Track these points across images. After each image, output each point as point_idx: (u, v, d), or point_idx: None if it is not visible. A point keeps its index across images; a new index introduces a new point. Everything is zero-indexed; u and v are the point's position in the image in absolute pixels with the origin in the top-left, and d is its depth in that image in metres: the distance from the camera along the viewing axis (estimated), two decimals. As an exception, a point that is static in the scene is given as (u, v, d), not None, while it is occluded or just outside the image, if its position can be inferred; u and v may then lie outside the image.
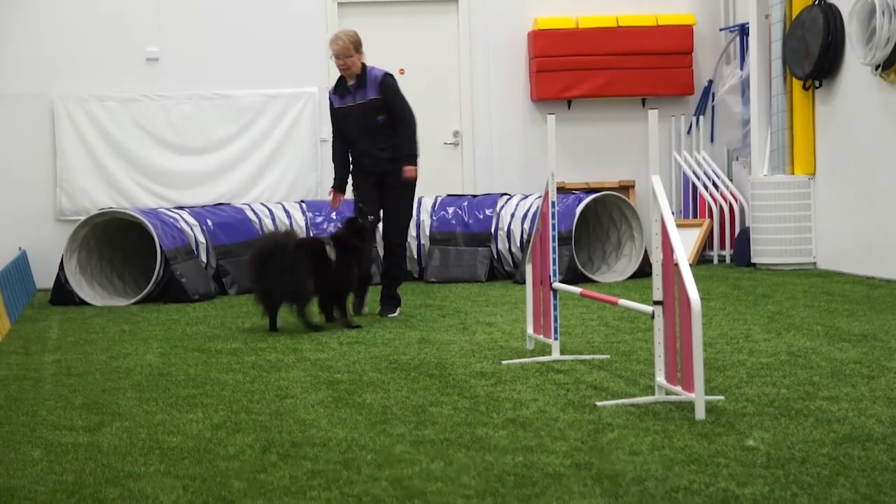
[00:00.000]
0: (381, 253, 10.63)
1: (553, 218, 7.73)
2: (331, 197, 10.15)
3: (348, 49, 9.84)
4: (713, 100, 14.29)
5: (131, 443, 5.64)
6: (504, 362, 7.52)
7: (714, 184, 14.08)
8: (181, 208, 12.79)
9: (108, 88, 13.63)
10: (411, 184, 10.02)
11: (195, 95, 13.76)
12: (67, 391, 7.00)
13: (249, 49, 13.89)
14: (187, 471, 5.08)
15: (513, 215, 12.73)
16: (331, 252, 9.37)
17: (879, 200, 11.59)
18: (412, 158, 9.97)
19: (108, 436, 5.80)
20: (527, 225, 12.49)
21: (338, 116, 10.02)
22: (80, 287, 11.59)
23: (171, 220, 12.09)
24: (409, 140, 9.95)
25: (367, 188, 9.98)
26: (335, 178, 10.10)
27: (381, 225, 10.20)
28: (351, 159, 10.07)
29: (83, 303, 11.45)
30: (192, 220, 12.27)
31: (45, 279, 12.55)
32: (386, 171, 9.92)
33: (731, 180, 14.19)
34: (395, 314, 9.98)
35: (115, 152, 13.60)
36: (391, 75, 10.04)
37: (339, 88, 10.02)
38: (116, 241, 12.15)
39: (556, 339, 7.66)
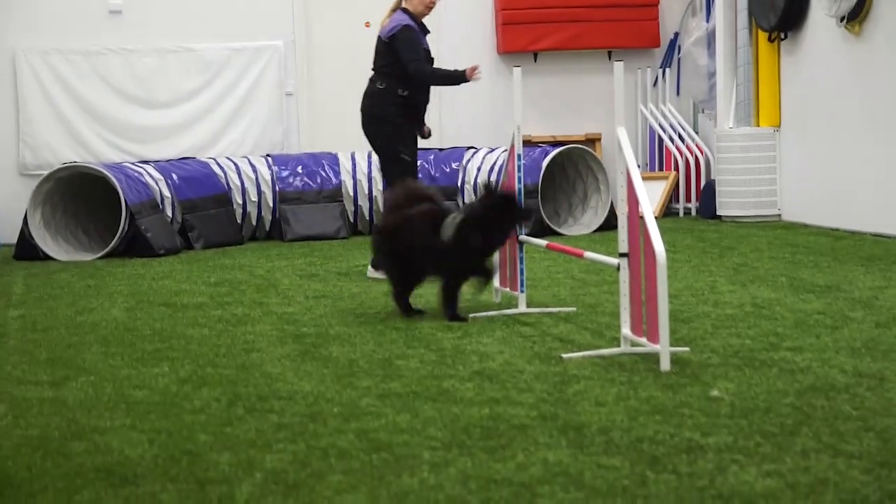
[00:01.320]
0: None
1: (519, 171, 7.73)
2: (473, 70, 9.27)
3: None
4: (679, 52, 14.29)
5: (97, 397, 5.62)
6: (471, 315, 7.53)
7: (680, 136, 14.10)
8: (146, 162, 12.72)
9: (71, 42, 13.51)
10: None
11: (159, 48, 13.65)
12: (32, 346, 6.97)
13: (214, 2, 13.78)
14: (153, 424, 5.08)
15: (479, 169, 12.73)
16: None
17: (844, 152, 11.64)
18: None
19: (74, 390, 5.78)
20: (493, 178, 12.49)
21: (425, 55, 9.30)
22: (45, 242, 11.53)
23: (136, 174, 12.02)
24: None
25: (414, 141, 9.37)
26: (455, 70, 9.40)
27: None
28: (406, 106, 9.27)
29: (47, 258, 11.39)
30: (157, 175, 12.21)
31: (8, 234, 12.47)
32: (420, 121, 9.41)
33: (696, 133, 14.21)
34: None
35: (78, 106, 13.50)
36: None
37: (422, 28, 9.36)
38: (81, 195, 12.08)
39: (522, 291, 7.68)
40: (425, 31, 9.42)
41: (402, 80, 9.21)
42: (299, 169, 12.91)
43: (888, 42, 10.94)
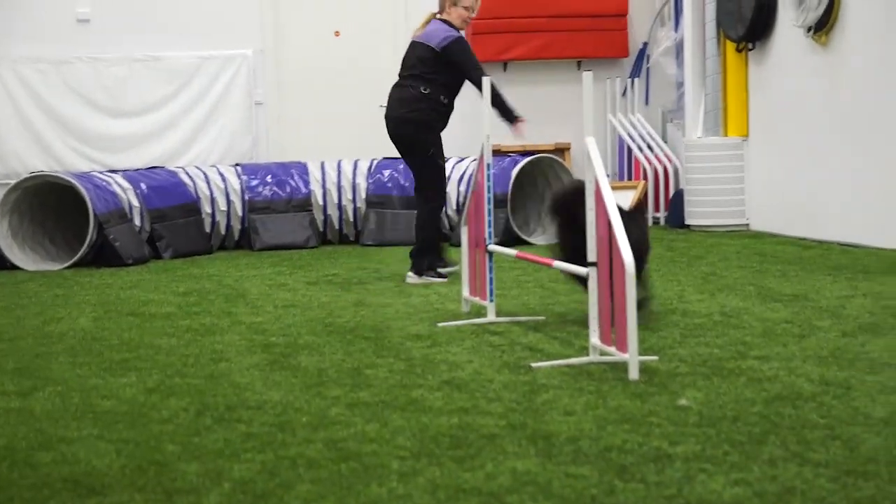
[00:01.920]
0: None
1: (488, 180, 7.74)
2: (522, 125, 9.68)
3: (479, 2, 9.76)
4: (648, 62, 14.35)
5: (64, 407, 5.59)
6: (440, 324, 7.53)
7: (649, 146, 14.16)
8: (114, 171, 12.68)
9: (39, 50, 13.46)
10: None
11: (128, 57, 13.62)
12: (-1, 356, 6.93)
13: (183, 10, 13.75)
14: (121, 434, 5.05)
15: (448, 178, 12.73)
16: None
17: (811, 162, 11.70)
18: None
19: (41, 400, 5.75)
20: (463, 188, 12.50)
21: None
22: (12, 251, 11.47)
23: (104, 183, 11.97)
24: None
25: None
26: (512, 107, 9.69)
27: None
28: (444, 114, 9.74)
29: (15, 267, 11.33)
30: (125, 184, 12.17)
31: (-25, 244, 12.39)
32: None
33: (665, 142, 14.27)
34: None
35: (46, 115, 13.44)
36: None
37: None
38: (49, 204, 12.02)
39: (491, 301, 7.68)
40: None
41: (446, 88, 9.59)
42: (268, 178, 12.89)
43: (855, 52, 11.02)
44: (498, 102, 9.55)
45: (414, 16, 14.02)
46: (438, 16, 9.73)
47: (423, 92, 9.54)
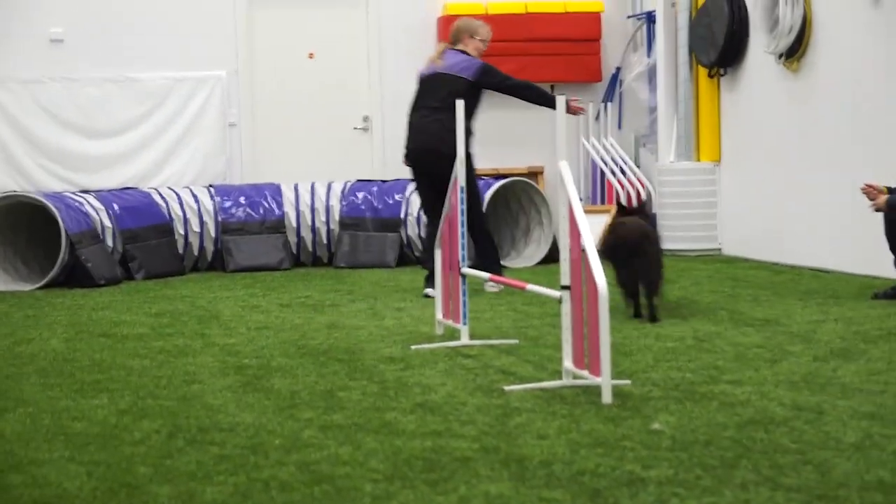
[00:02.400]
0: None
1: (462, 203, 7.75)
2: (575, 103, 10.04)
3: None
4: (621, 87, 14.41)
5: (35, 429, 5.56)
6: (413, 347, 7.53)
7: (622, 170, 14.20)
8: (87, 192, 12.63)
9: (11, 70, 13.41)
10: None
11: (101, 78, 13.58)
12: (-31, 377, 6.89)
13: (157, 31, 13.73)
14: (92, 457, 5.03)
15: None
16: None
17: (783, 187, 11.77)
18: None
19: (11, 422, 5.71)
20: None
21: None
22: (-17, 272, 11.41)
23: (77, 203, 11.93)
24: None
25: None
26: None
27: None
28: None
29: (-14, 288, 11.27)
30: (97, 204, 12.12)
31: (-54, 264, 12.32)
32: None
33: (638, 167, 14.32)
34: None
35: (18, 135, 13.39)
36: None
37: None
38: (20, 225, 11.97)
39: (464, 324, 7.69)
40: None
41: (472, 116, 10.07)
42: (242, 200, 12.88)
43: (825, 79, 11.10)
44: (537, 93, 10.24)
45: (388, 38, 14.06)
46: (453, 47, 10.21)
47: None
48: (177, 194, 12.84)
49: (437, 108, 9.93)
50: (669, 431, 5.24)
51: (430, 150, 9.96)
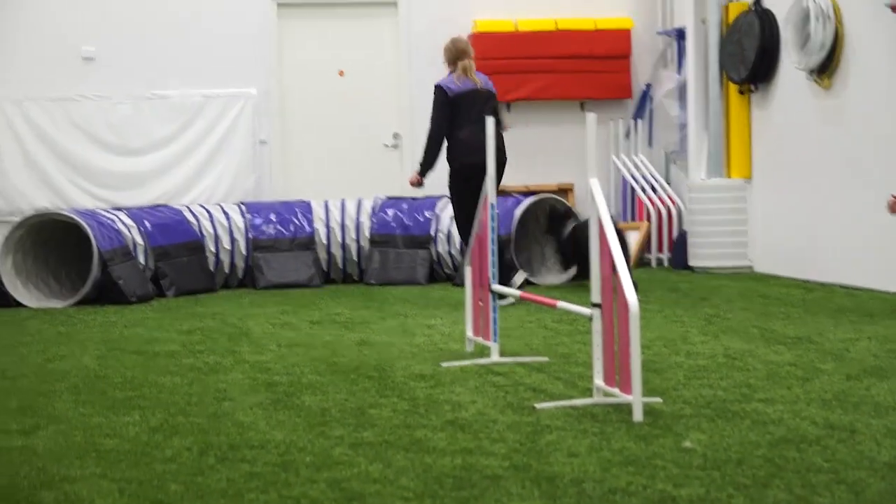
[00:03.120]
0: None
1: (492, 221, 7.75)
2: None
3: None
4: (651, 103, 14.39)
5: (67, 446, 5.58)
6: (443, 364, 7.53)
7: (652, 187, 14.18)
8: (119, 209, 12.69)
9: (45, 89, 13.51)
10: (449, 185, 10.72)
11: (133, 95, 13.67)
12: (2, 394, 6.92)
13: (188, 49, 13.81)
14: (124, 474, 5.04)
15: (452, 217, 12.74)
16: None
17: (814, 204, 11.72)
18: (420, 166, 10.78)
19: (44, 439, 5.74)
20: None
21: None
22: (16, 289, 11.47)
23: (109, 221, 11.99)
24: (424, 147, 10.75)
25: None
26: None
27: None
28: None
29: (18, 304, 11.32)
30: (129, 222, 12.18)
31: (-21, 281, 12.39)
32: None
33: (668, 183, 14.29)
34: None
35: (51, 153, 13.48)
36: (436, 86, 10.81)
37: None
38: (53, 242, 12.03)
39: (494, 341, 7.68)
40: None
41: None
42: (272, 217, 12.91)
43: (857, 95, 11.05)
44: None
45: (418, 56, 14.09)
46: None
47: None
48: (208, 211, 12.89)
49: (480, 120, 10.09)
50: (701, 450, 5.22)
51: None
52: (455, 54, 10.77)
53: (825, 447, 5.22)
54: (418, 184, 10.82)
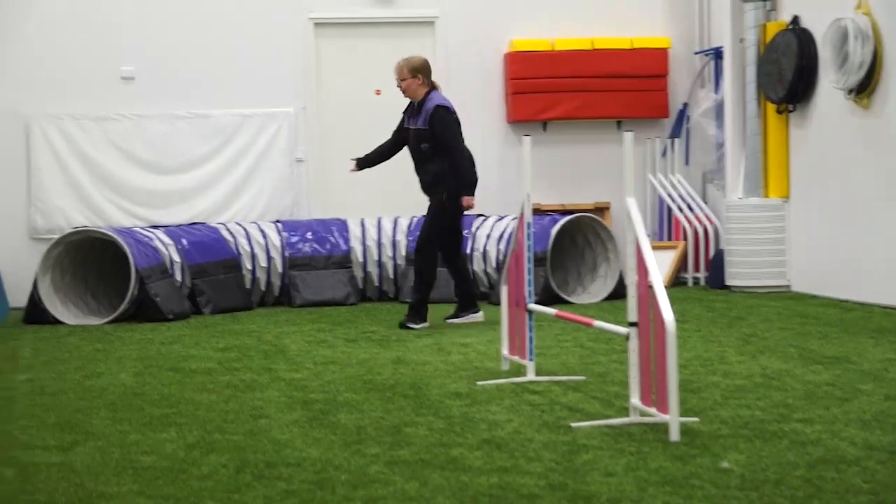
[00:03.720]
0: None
1: (528, 239, 7.75)
2: (352, 164, 11.05)
3: (402, 72, 10.50)
4: (688, 122, 14.36)
5: (104, 462, 5.61)
6: (479, 383, 7.52)
7: (689, 206, 14.13)
8: (156, 227, 12.76)
9: (84, 107, 13.60)
10: (436, 209, 10.55)
11: (170, 114, 13.74)
12: (40, 410, 6.97)
13: (225, 68, 13.89)
14: (161, 491, 5.06)
15: (488, 236, 12.75)
16: None
17: (853, 224, 11.65)
18: (468, 187, 10.50)
19: (82, 455, 5.77)
20: (502, 246, 12.51)
21: (402, 132, 10.77)
22: (54, 306, 11.54)
23: (146, 238, 12.06)
24: (458, 170, 10.44)
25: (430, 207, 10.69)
26: (366, 154, 11.04)
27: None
28: None
29: (57, 322, 11.40)
30: (166, 239, 12.24)
31: (18, 298, 12.48)
32: (428, 194, 10.61)
33: (705, 203, 14.24)
34: (409, 327, 10.45)
35: (89, 171, 13.57)
36: (443, 108, 10.47)
37: (409, 108, 10.72)
38: (90, 259, 12.11)
39: (531, 360, 7.67)
40: (415, 112, 10.67)
41: None
42: (309, 235, 12.95)
43: (896, 114, 10.99)
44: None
45: (456, 73, 14.11)
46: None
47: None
48: (244, 229, 12.94)
49: None
50: (739, 470, 5.19)
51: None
52: (430, 71, 10.64)
53: (864, 468, 5.18)
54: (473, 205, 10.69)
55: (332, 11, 14.14)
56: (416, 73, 10.45)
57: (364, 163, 11.00)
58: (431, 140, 10.42)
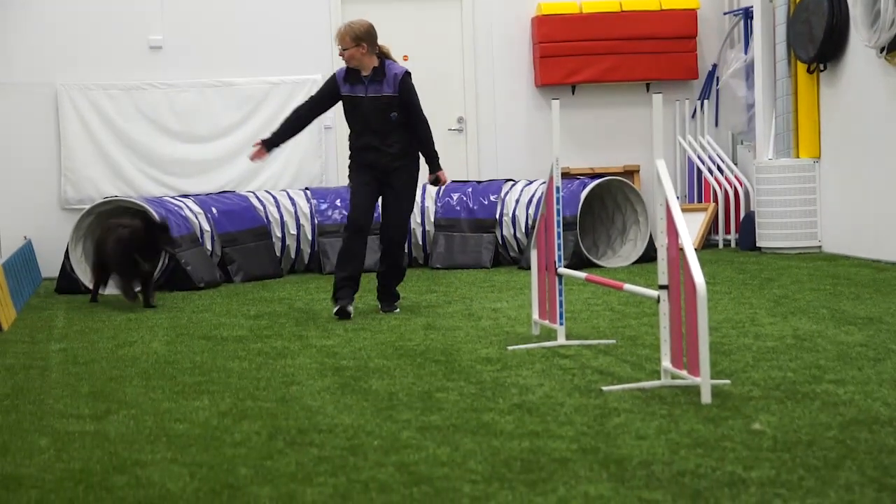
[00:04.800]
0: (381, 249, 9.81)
1: (558, 203, 7.73)
2: (255, 149, 9.76)
3: (344, 40, 9.47)
4: (717, 84, 14.28)
5: (138, 430, 5.65)
6: (510, 348, 7.52)
7: (719, 168, 14.07)
8: (186, 196, 12.80)
9: (112, 77, 13.63)
10: (414, 182, 9.62)
11: (199, 83, 13.75)
12: (74, 379, 7.01)
13: (253, 37, 13.88)
14: (194, 458, 5.09)
15: (517, 201, 12.73)
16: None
17: (884, 183, 11.57)
18: (436, 160, 9.62)
19: (115, 423, 5.80)
20: (531, 210, 12.49)
21: (343, 102, 9.70)
22: (86, 275, 11.60)
23: (176, 208, 12.09)
24: (429, 142, 9.60)
25: (364, 182, 9.59)
26: (273, 133, 9.85)
27: (380, 221, 9.76)
28: (351, 150, 9.77)
29: (88, 291, 11.46)
30: (196, 208, 12.28)
31: (50, 268, 12.56)
32: (391, 168, 9.50)
33: (735, 164, 14.17)
34: (397, 310, 9.53)
35: (119, 141, 13.60)
36: (410, 74, 9.64)
37: (351, 76, 9.60)
38: (121, 229, 12.14)
39: (561, 324, 7.66)
40: (369, 79, 9.60)
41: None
42: (338, 202, 12.96)
43: (928, 72, 10.89)
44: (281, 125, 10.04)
45: (482, 40, 14.07)
46: None
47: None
48: (274, 197, 12.96)
49: None
50: (771, 432, 5.18)
51: None
52: (375, 38, 9.64)
53: (897, 429, 5.16)
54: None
55: (359, -23, 14.10)
56: (360, 42, 9.47)
57: (273, 143, 9.79)
58: (399, 108, 9.49)
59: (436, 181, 9.65)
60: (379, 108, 9.55)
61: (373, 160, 9.60)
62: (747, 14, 13.81)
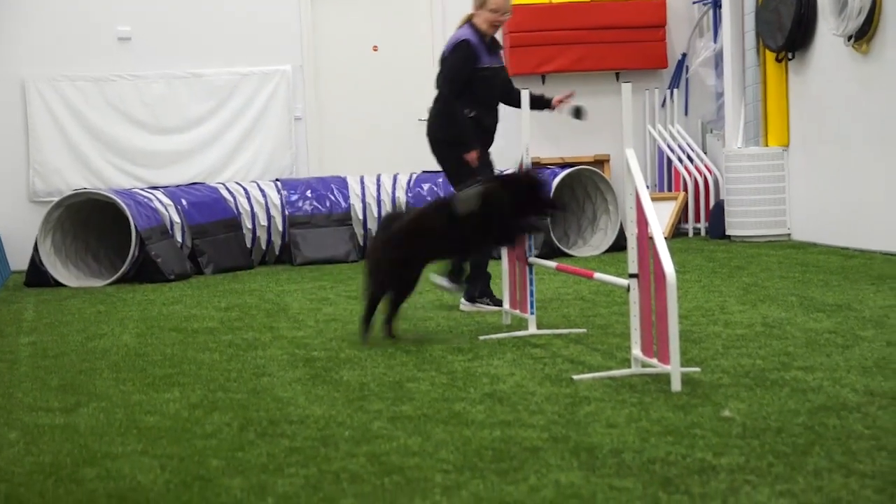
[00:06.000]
0: None
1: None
2: (474, 157, 8.53)
3: (508, 2, 8.56)
4: (687, 73, 14.31)
5: (108, 423, 5.63)
6: (481, 337, 7.53)
7: (688, 157, 14.11)
8: (155, 188, 12.75)
9: (80, 68, 13.56)
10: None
11: (168, 75, 13.70)
12: (43, 372, 6.98)
13: (222, 27, 13.83)
14: (165, 450, 5.08)
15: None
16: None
17: (853, 171, 11.63)
18: (542, 96, 8.91)
19: (85, 416, 5.78)
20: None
21: (484, 75, 8.57)
22: (55, 268, 11.56)
23: (146, 199, 12.05)
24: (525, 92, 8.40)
25: (486, 161, 8.69)
26: (471, 138, 8.56)
27: None
28: (472, 124, 8.62)
29: (58, 284, 11.41)
30: (166, 200, 12.24)
31: (19, 261, 12.50)
32: (486, 145, 8.77)
33: (705, 153, 14.22)
34: (454, 287, 8.61)
35: (88, 133, 13.54)
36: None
37: (484, 43, 8.55)
38: (91, 221, 12.11)
39: (532, 313, 7.68)
40: (495, 48, 8.72)
41: (467, 99, 8.58)
42: (308, 193, 12.94)
43: (896, 60, 10.95)
44: (450, 123, 8.64)
45: (452, 29, 14.03)
46: (469, 21, 8.79)
47: (436, 105, 8.70)
48: (244, 189, 12.93)
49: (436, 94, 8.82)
50: (740, 419, 5.20)
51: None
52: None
53: (866, 414, 5.19)
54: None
55: (328, -33, 14.07)
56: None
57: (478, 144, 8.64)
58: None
59: (577, 111, 8.85)
60: (504, 80, 8.72)
61: (490, 137, 8.75)
62: (716, 3, 13.84)
